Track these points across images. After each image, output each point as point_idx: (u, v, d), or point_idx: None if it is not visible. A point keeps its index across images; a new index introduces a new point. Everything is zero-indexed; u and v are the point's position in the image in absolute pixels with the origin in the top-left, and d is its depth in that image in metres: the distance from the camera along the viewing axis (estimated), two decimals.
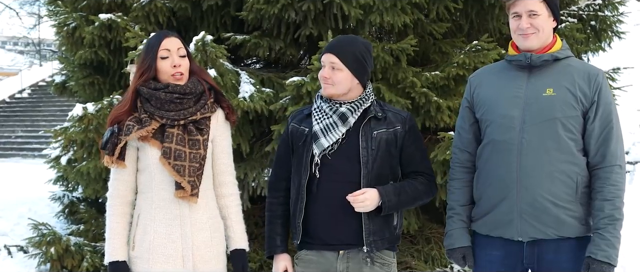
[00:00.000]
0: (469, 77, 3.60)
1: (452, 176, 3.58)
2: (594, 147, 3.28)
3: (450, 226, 3.54)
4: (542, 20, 3.31)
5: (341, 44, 3.44)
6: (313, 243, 3.46)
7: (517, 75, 3.38)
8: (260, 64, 7.33)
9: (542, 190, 3.26)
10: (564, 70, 3.33)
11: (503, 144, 3.33)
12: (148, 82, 3.45)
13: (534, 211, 3.28)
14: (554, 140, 3.26)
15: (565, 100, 3.26)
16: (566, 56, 3.37)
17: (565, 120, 3.26)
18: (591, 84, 3.28)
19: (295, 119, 3.57)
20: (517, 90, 3.35)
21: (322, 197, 3.40)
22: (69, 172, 6.58)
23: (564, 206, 3.27)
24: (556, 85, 3.29)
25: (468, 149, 3.52)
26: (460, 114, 3.59)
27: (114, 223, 3.48)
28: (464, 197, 3.53)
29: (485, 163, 3.42)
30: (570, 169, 3.27)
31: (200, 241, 3.47)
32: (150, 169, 3.44)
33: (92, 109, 5.97)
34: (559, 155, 3.26)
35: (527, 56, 3.33)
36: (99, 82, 6.79)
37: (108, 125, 3.47)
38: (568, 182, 3.26)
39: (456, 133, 3.60)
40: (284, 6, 5.90)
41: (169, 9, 6.47)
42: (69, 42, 6.70)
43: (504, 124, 3.34)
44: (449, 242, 3.54)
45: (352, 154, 3.39)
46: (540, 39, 3.33)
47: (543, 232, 3.29)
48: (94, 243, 6.61)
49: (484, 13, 6.67)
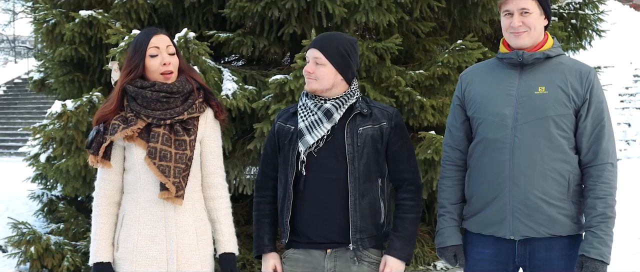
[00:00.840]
0: (460, 75, 3.58)
1: (443, 174, 3.56)
2: (586, 145, 3.27)
3: (441, 225, 3.52)
4: (533, 18, 3.30)
5: (325, 39, 3.42)
6: (300, 242, 3.43)
7: (509, 73, 3.37)
8: (242, 62, 7.29)
9: (535, 188, 3.25)
10: (555, 68, 3.32)
11: (495, 142, 3.32)
12: (135, 81, 3.39)
13: (527, 209, 3.27)
14: (546, 138, 3.25)
15: (558, 99, 3.25)
16: (557, 54, 3.36)
17: (557, 118, 3.25)
18: (583, 82, 3.27)
19: (281, 117, 3.54)
20: (509, 88, 3.33)
21: (309, 194, 3.37)
22: (48, 170, 6.51)
23: (556, 204, 3.26)
24: (548, 83, 3.28)
25: (459, 147, 3.50)
26: (451, 111, 3.57)
27: (100, 224, 3.42)
28: (455, 196, 3.51)
29: (477, 161, 3.41)
30: (563, 167, 3.26)
31: (185, 244, 3.40)
32: (136, 169, 3.38)
33: (71, 106, 5.90)
34: (551, 153, 3.25)
35: (519, 54, 3.32)
36: (79, 79, 6.71)
37: (94, 124, 3.41)
38: (560, 180, 3.26)
39: (447, 131, 3.58)
40: (267, 4, 5.87)
41: (150, 6, 6.42)
42: (49, 38, 6.62)
43: (496, 122, 3.32)
44: (440, 241, 3.51)
45: (338, 150, 3.36)
46: (531, 37, 3.32)
47: (535, 231, 3.28)
48: (74, 242, 6.54)
49: (466, 12, 6.69)
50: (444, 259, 3.55)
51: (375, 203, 3.40)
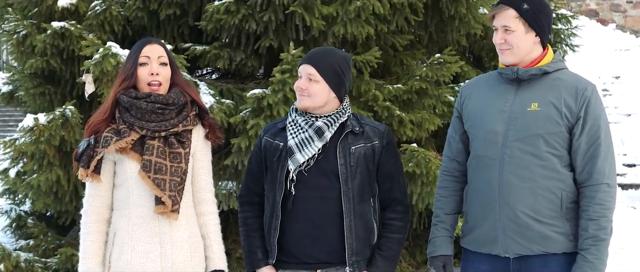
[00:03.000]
0: (461, 87, 3.56)
1: (440, 184, 3.54)
2: (580, 164, 3.22)
3: (434, 234, 3.50)
4: (516, 36, 3.24)
5: (320, 56, 3.37)
6: (289, 262, 3.36)
7: (506, 89, 3.33)
8: (216, 75, 7.21)
9: (524, 206, 3.21)
10: (552, 85, 3.27)
11: (486, 159, 3.29)
12: (128, 91, 3.31)
13: (517, 228, 3.23)
14: (536, 156, 3.21)
15: (549, 116, 3.21)
16: (556, 69, 3.31)
17: (548, 136, 3.20)
18: (578, 99, 3.21)
19: (268, 132, 3.46)
20: (504, 104, 3.30)
21: (298, 214, 3.31)
22: (18, 185, 6.36)
23: (547, 222, 3.22)
24: (542, 100, 3.24)
25: (457, 159, 3.47)
26: (451, 123, 3.54)
27: (89, 241, 3.32)
28: (449, 206, 3.49)
29: (471, 178, 3.39)
30: (554, 185, 3.22)
31: (179, 261, 3.32)
32: (128, 184, 3.29)
33: (43, 119, 5.78)
34: (541, 171, 3.21)
35: (514, 70, 3.28)
36: (50, 91, 6.56)
37: (85, 136, 3.31)
38: (551, 198, 3.22)
39: (447, 142, 3.54)
40: (244, 16, 5.80)
41: (124, 18, 6.31)
42: (19, 50, 6.46)
43: (487, 139, 3.30)
44: (431, 250, 3.50)
45: (329, 169, 3.31)
46: (515, 55, 3.26)
47: (528, 248, 3.24)
48: (45, 259, 6.38)
49: (443, 25, 6.69)
50: (434, 268, 3.52)
51: (369, 224, 3.36)
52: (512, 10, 3.25)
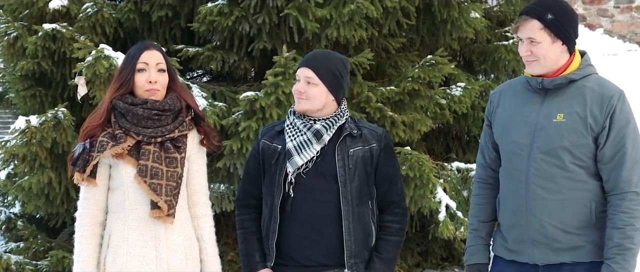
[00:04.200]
0: (491, 93, 3.47)
1: (475, 192, 3.50)
2: (606, 173, 3.16)
3: (470, 242, 3.49)
4: (543, 48, 3.14)
5: (318, 58, 3.36)
6: (287, 265, 3.36)
7: (532, 98, 3.26)
8: (208, 77, 7.19)
9: (551, 218, 3.18)
10: (578, 93, 3.18)
11: (513, 171, 3.26)
12: (125, 97, 3.30)
13: (545, 240, 3.20)
14: (561, 168, 3.16)
15: (574, 128, 3.14)
16: (584, 75, 3.20)
17: (573, 148, 3.14)
18: (604, 108, 3.12)
19: (266, 135, 3.46)
20: (530, 115, 3.23)
21: (297, 217, 3.31)
22: (9, 187, 6.32)
23: (576, 232, 3.18)
24: (568, 110, 3.16)
25: (491, 166, 3.43)
26: (483, 130, 3.49)
27: (84, 245, 3.31)
28: (484, 214, 3.46)
29: (502, 188, 3.37)
30: (583, 196, 3.17)
31: (175, 264, 3.32)
32: (123, 188, 3.29)
33: (35, 121, 5.74)
34: (568, 183, 3.16)
35: (539, 81, 3.20)
36: (41, 94, 6.52)
37: (81, 140, 3.30)
38: (580, 209, 3.17)
39: (480, 149, 3.50)
40: (238, 18, 5.79)
41: (116, 20, 6.28)
42: (10, 52, 6.42)
43: (513, 151, 3.26)
44: (467, 258, 3.50)
45: (328, 172, 3.31)
46: (542, 66, 3.18)
47: (557, 258, 3.22)
48: (36, 261, 6.34)
49: (434, 29, 6.70)
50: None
51: (367, 226, 3.36)
52: (536, 21, 3.15)
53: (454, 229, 6.20)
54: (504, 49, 7.05)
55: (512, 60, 7.05)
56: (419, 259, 7.21)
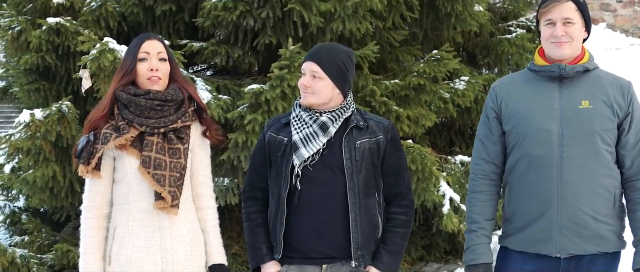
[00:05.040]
0: (493, 86, 3.48)
1: (475, 188, 3.44)
2: (629, 159, 3.25)
3: (473, 241, 3.41)
4: (576, 29, 3.22)
5: (323, 52, 3.36)
6: (294, 257, 3.36)
7: (547, 87, 3.29)
8: (212, 71, 7.20)
9: (583, 205, 3.20)
10: (595, 82, 3.27)
11: (541, 158, 3.24)
12: (127, 87, 3.31)
13: (575, 227, 3.22)
14: (594, 154, 3.21)
15: (603, 113, 3.21)
16: (594, 67, 3.31)
17: (603, 133, 3.21)
18: (625, 96, 3.25)
19: (272, 127, 3.46)
20: (552, 103, 3.26)
21: (304, 209, 3.30)
22: (14, 181, 6.33)
23: (603, 220, 3.23)
24: (591, 97, 3.23)
25: (495, 161, 3.41)
26: (483, 124, 3.45)
27: (89, 237, 3.33)
28: (488, 211, 3.42)
29: (519, 178, 3.32)
30: (609, 183, 3.23)
31: (180, 255, 3.34)
32: (128, 180, 3.30)
33: (39, 115, 5.75)
34: (598, 168, 3.21)
35: (562, 67, 3.23)
36: (45, 88, 6.52)
37: (85, 132, 3.31)
38: (607, 195, 3.23)
39: (479, 144, 3.46)
40: (242, 13, 5.79)
41: (119, 14, 6.29)
42: (14, 46, 6.42)
43: (540, 138, 3.25)
44: (471, 258, 3.40)
45: (335, 164, 3.31)
46: (573, 48, 3.24)
47: (583, 248, 3.24)
48: (40, 255, 6.36)
49: (438, 22, 6.70)
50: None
51: (374, 218, 3.36)
52: (571, 2, 3.23)
53: (458, 222, 6.21)
54: (507, 42, 7.06)
55: (515, 54, 7.06)
56: (423, 253, 7.22)
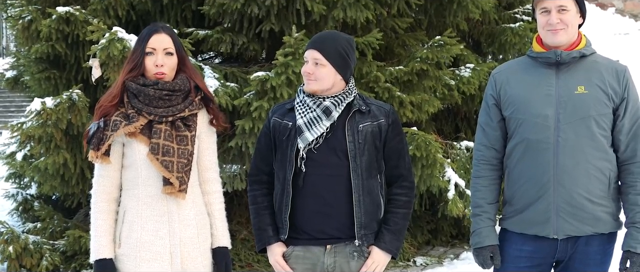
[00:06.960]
0: (493, 74, 3.56)
1: (478, 173, 3.54)
2: (624, 143, 3.34)
3: (478, 225, 3.51)
4: (570, 16, 3.30)
5: (324, 40, 3.44)
6: (300, 238, 3.45)
7: (545, 73, 3.38)
8: (219, 59, 7.29)
9: (579, 187, 3.29)
10: (591, 67, 3.35)
11: (538, 143, 3.34)
12: (137, 78, 3.40)
13: (572, 209, 3.31)
14: (589, 138, 3.29)
15: (598, 98, 3.30)
16: (591, 52, 3.39)
17: (598, 117, 3.29)
18: (620, 81, 3.33)
19: (277, 113, 3.55)
20: (548, 89, 3.35)
21: (309, 191, 3.40)
22: (26, 169, 6.44)
23: (599, 202, 3.32)
24: (587, 82, 3.32)
25: (495, 146, 3.50)
26: (484, 111, 3.54)
27: (100, 220, 3.42)
28: (491, 195, 3.52)
29: (517, 162, 3.42)
30: (604, 166, 3.32)
31: (187, 238, 3.44)
32: (136, 165, 3.40)
33: (50, 103, 5.86)
34: (594, 152, 3.30)
35: (558, 53, 3.32)
36: (55, 76, 6.65)
37: (96, 119, 3.41)
38: (602, 178, 3.32)
39: (480, 130, 3.55)
40: (247, 1, 5.87)
41: (128, 3, 6.38)
42: (24, 36, 6.53)
43: (538, 123, 3.34)
44: (477, 241, 3.51)
45: (338, 147, 3.40)
46: (568, 34, 3.32)
47: (579, 230, 3.33)
48: (52, 241, 6.47)
49: (442, 9, 6.77)
50: (481, 258, 3.54)
51: (376, 199, 3.45)
52: None
53: (463, 207, 6.29)
54: (510, 31, 7.12)
55: (519, 43, 7.12)
56: (429, 237, 7.31)
